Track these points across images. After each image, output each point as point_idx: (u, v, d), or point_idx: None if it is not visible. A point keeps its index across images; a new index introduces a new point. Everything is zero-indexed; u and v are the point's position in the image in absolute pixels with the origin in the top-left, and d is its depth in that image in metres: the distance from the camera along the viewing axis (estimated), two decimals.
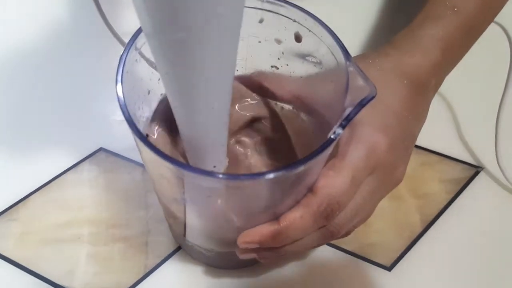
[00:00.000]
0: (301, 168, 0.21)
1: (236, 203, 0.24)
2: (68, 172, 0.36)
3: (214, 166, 0.26)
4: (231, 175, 0.20)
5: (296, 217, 0.24)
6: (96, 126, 0.39)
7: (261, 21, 0.26)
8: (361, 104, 0.21)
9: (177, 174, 0.22)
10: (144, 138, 0.21)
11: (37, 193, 0.35)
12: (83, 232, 0.34)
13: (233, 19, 0.19)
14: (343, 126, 0.21)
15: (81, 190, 0.36)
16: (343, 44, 0.23)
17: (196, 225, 0.27)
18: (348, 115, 0.21)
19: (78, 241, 0.33)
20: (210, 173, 0.20)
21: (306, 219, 0.25)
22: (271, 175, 0.20)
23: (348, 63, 0.23)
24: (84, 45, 0.44)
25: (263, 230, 0.25)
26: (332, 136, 0.21)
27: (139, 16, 0.19)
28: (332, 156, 0.26)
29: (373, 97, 0.22)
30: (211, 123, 0.23)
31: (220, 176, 0.20)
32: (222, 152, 0.26)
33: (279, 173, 0.20)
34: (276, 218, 0.25)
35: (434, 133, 0.39)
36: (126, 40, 0.36)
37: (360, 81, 0.22)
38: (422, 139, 0.39)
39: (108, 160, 0.37)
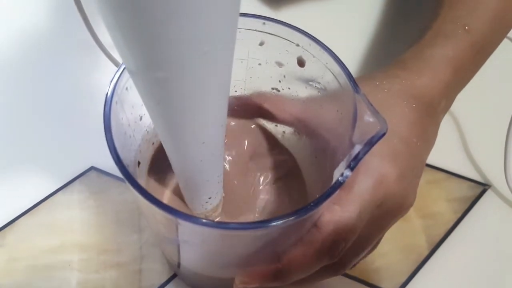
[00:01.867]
0: (305, 216, 0.19)
1: (233, 246, 0.22)
2: (57, 194, 0.35)
3: (209, 198, 0.25)
4: (230, 224, 0.19)
5: (299, 255, 0.23)
6: (86, 143, 0.37)
7: (261, 43, 0.24)
8: (371, 143, 0.20)
9: (171, 220, 0.20)
10: (135, 183, 0.19)
11: (24, 216, 0.34)
12: (73, 259, 0.32)
13: (222, 56, 0.17)
14: (351, 168, 0.19)
15: (71, 212, 0.34)
16: (350, 74, 0.22)
17: (190, 262, 0.26)
18: (357, 154, 0.20)
19: (68, 268, 0.32)
20: (208, 223, 0.18)
21: (310, 257, 0.23)
22: (272, 224, 0.19)
23: (356, 95, 0.21)
24: (73, 60, 0.42)
25: (263, 270, 0.23)
26: (339, 179, 0.19)
27: (120, 54, 0.17)
28: None
29: (384, 134, 0.20)
30: (202, 158, 0.22)
31: (218, 225, 0.19)
32: (217, 184, 0.24)
33: (281, 222, 0.19)
34: (276, 255, 0.23)
35: (440, 149, 0.37)
36: (115, 55, 0.34)
37: (370, 116, 0.20)
38: (429, 156, 0.38)
39: (99, 179, 0.35)
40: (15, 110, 0.39)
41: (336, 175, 0.20)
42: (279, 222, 0.18)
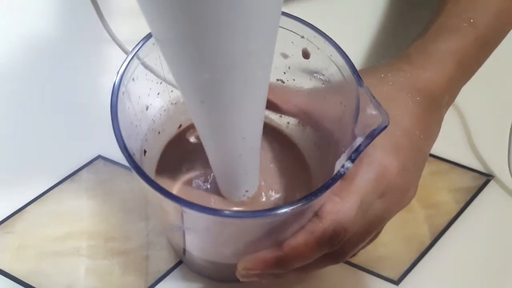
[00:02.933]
0: (306, 206, 0.20)
1: (237, 234, 0.23)
2: (65, 182, 0.35)
3: (247, 191, 0.26)
4: (233, 212, 0.19)
5: (300, 244, 0.23)
6: (93, 132, 0.37)
7: None
8: (372, 136, 0.20)
9: (175, 207, 0.20)
10: (140, 171, 0.19)
11: (33, 204, 0.34)
12: (82, 245, 0.33)
13: (265, 54, 0.18)
14: (352, 160, 0.20)
15: (78, 200, 0.35)
16: (354, 66, 0.22)
17: (195, 248, 0.26)
18: (359, 146, 0.20)
19: (76, 254, 0.33)
20: (212, 211, 0.19)
21: (311, 246, 0.23)
22: (271, 213, 0.19)
23: (359, 88, 0.21)
24: (82, 50, 0.42)
25: (265, 257, 0.24)
26: (340, 171, 0.20)
27: (167, 60, 0.18)
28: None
29: (385, 127, 0.20)
30: (242, 152, 0.22)
31: (223, 213, 0.19)
32: (254, 177, 0.25)
33: (281, 211, 0.19)
34: (278, 242, 0.24)
35: (444, 140, 0.38)
36: (127, 45, 0.35)
37: (372, 109, 0.20)
38: (432, 147, 0.38)
39: (106, 168, 0.36)
40: (24, 99, 0.40)
41: (338, 167, 0.21)
42: (278, 212, 0.19)
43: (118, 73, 0.22)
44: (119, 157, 0.37)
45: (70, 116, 0.39)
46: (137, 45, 0.23)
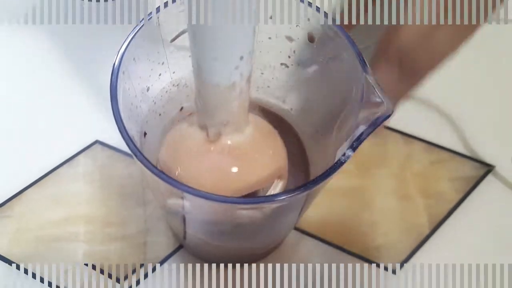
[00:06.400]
0: (305, 193, 0.19)
1: (231, 218, 0.23)
2: (63, 166, 0.35)
3: (242, 57, 0.20)
4: (234, 199, 0.19)
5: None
6: (91, 117, 0.37)
7: (271, 16, 0.24)
8: (376, 124, 0.20)
9: (178, 193, 0.20)
10: (139, 153, 0.19)
11: (31, 188, 0.34)
12: (79, 230, 0.33)
13: None
14: (354, 148, 0.20)
15: (76, 185, 0.34)
16: (360, 52, 0.21)
17: (195, 230, 0.26)
18: (361, 134, 0.20)
19: (74, 240, 0.32)
20: (214, 197, 0.19)
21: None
22: (272, 199, 0.19)
23: (364, 74, 0.21)
24: (80, 32, 0.41)
25: None
26: (341, 159, 0.20)
27: None
28: None
29: (389, 116, 0.20)
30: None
31: (223, 200, 0.19)
32: (251, 35, 0.20)
33: (281, 197, 0.19)
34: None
35: (445, 128, 0.38)
36: (127, 26, 0.34)
37: (377, 97, 0.20)
38: (433, 135, 0.38)
39: (104, 153, 0.36)
40: (20, 83, 0.39)
41: (339, 155, 0.20)
42: (276, 199, 0.19)
43: (118, 52, 0.21)
44: (117, 142, 0.36)
45: (67, 100, 0.38)
46: (137, 24, 0.23)
